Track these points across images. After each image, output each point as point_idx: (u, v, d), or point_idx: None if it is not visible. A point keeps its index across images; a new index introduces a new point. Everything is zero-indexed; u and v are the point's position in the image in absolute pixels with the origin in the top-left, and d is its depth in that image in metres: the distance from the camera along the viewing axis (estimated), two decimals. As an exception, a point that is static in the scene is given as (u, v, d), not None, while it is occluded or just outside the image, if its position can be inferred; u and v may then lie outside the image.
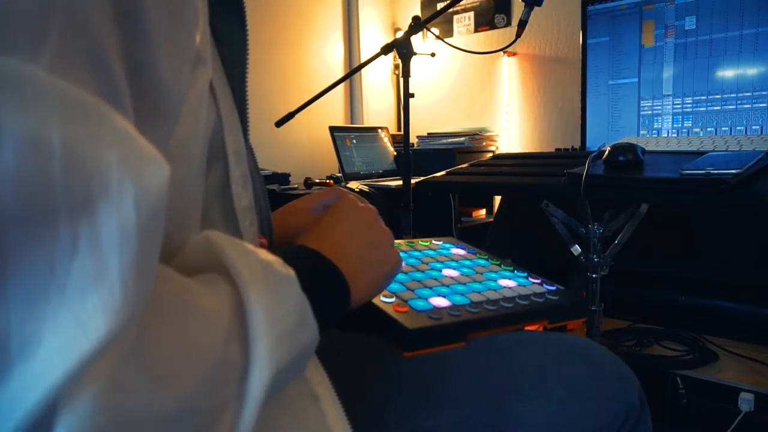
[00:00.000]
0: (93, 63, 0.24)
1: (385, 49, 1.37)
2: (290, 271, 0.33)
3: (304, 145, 2.34)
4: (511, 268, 0.69)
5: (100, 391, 0.21)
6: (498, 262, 0.72)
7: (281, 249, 0.39)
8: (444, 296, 0.57)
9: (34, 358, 0.20)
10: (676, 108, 1.45)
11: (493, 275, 0.66)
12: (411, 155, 1.48)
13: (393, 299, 0.54)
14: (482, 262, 0.71)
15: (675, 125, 1.46)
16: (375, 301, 0.52)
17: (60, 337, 0.21)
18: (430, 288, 0.58)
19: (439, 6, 1.75)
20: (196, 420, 0.26)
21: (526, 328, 0.60)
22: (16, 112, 0.20)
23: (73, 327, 0.21)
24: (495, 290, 0.61)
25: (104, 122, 0.23)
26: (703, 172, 0.87)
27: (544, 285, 0.65)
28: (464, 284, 0.61)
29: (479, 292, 0.59)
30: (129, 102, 0.27)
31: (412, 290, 0.57)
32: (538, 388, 0.53)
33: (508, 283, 0.63)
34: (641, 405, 0.58)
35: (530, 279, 0.66)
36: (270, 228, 0.50)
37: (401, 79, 1.59)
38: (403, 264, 0.65)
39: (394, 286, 0.57)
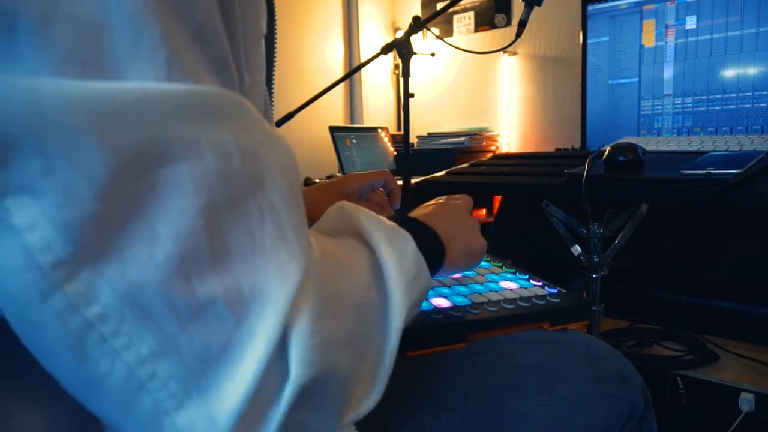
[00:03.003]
0: (222, 66, 0.29)
1: (385, 49, 1.37)
2: (407, 233, 0.41)
3: (304, 145, 2.33)
4: (513, 270, 0.69)
5: (310, 321, 0.29)
6: (500, 264, 0.72)
7: (389, 217, 0.46)
8: (445, 297, 0.57)
9: (262, 298, 0.28)
10: (677, 108, 1.45)
11: (495, 277, 0.66)
12: (411, 155, 1.49)
13: (394, 300, 0.54)
14: (484, 263, 0.71)
15: (675, 125, 1.46)
16: None
17: (273, 281, 0.28)
18: (432, 288, 0.58)
19: (439, 6, 1.75)
20: (360, 345, 0.35)
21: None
22: (202, 127, 0.27)
23: (277, 272, 0.28)
24: (496, 291, 0.60)
25: (246, 115, 0.29)
26: (704, 172, 0.87)
27: (546, 287, 0.65)
28: (466, 285, 0.61)
29: (480, 293, 0.59)
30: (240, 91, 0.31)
31: (443, 276, 0.57)
32: (539, 388, 0.53)
33: (510, 284, 0.63)
34: (645, 402, 0.57)
35: (532, 281, 0.66)
36: None
37: (401, 79, 1.59)
38: None
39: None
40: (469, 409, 0.50)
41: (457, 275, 0.64)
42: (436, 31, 2.46)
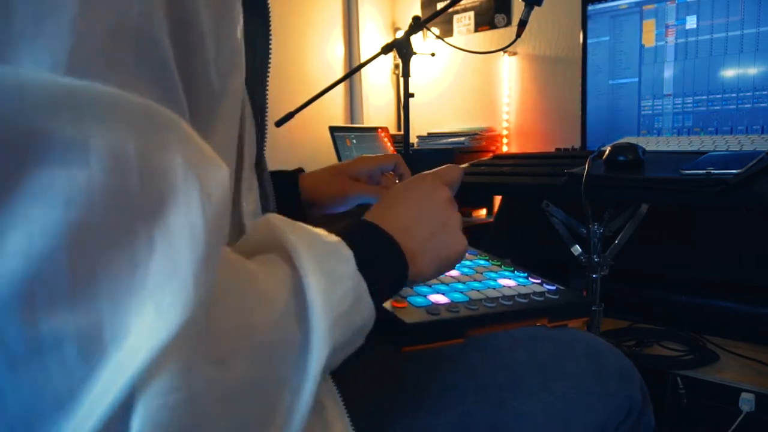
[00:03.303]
0: (157, 75, 0.26)
1: (385, 49, 1.37)
2: (348, 252, 0.35)
3: (304, 145, 2.33)
4: (512, 269, 0.69)
5: (172, 375, 0.23)
6: (498, 263, 0.71)
7: (343, 224, 0.40)
8: (443, 293, 0.56)
9: (124, 346, 0.23)
10: (677, 108, 1.45)
11: (493, 275, 0.66)
12: (411, 155, 1.48)
13: (392, 296, 0.54)
14: (483, 262, 0.71)
15: (675, 125, 1.46)
16: None
17: (144, 328, 0.23)
18: (429, 286, 0.58)
19: (439, 6, 1.75)
20: (257, 397, 0.28)
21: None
22: (98, 131, 0.23)
23: (153, 318, 0.23)
24: (494, 288, 0.60)
25: (169, 130, 0.25)
26: (704, 172, 0.87)
27: (544, 285, 0.65)
28: (464, 283, 0.61)
29: (478, 290, 0.59)
30: (186, 106, 0.28)
31: (411, 287, 0.57)
32: (539, 385, 0.53)
33: (508, 282, 0.63)
34: (643, 399, 0.57)
35: (530, 279, 0.66)
36: None
37: (401, 79, 1.59)
38: None
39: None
40: (467, 406, 0.50)
41: (454, 273, 0.64)
42: (436, 31, 2.46)
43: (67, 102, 0.22)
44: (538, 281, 0.66)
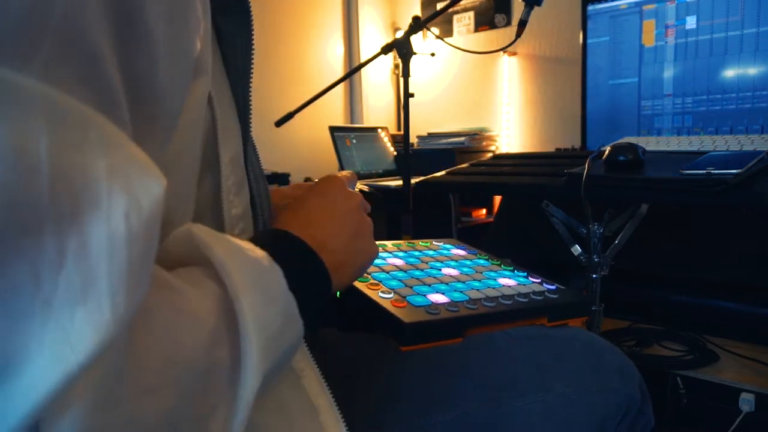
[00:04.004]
0: (87, 72, 0.23)
1: (385, 49, 1.37)
2: (277, 269, 0.33)
3: (304, 145, 2.33)
4: (512, 268, 0.69)
5: (86, 409, 0.21)
6: (498, 263, 0.71)
7: (266, 234, 0.39)
8: (442, 293, 0.56)
9: (20, 374, 0.20)
10: (677, 108, 1.45)
11: (493, 274, 0.66)
12: (411, 155, 1.48)
13: (392, 295, 0.54)
14: (482, 262, 0.71)
15: (675, 125, 1.46)
16: (374, 297, 0.52)
17: (47, 353, 0.20)
18: (429, 285, 0.58)
19: (439, 6, 1.75)
20: (185, 428, 0.26)
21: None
22: (1, 120, 0.20)
23: (60, 342, 0.20)
24: (494, 288, 0.60)
25: (94, 131, 0.23)
26: (704, 172, 0.87)
27: (544, 284, 0.65)
28: (463, 282, 0.61)
29: (478, 290, 0.59)
30: (126, 111, 0.26)
31: (411, 287, 0.57)
32: (537, 384, 0.52)
33: (508, 281, 0.63)
34: (642, 396, 0.57)
35: (530, 278, 0.66)
36: None
37: (401, 79, 1.59)
38: (403, 262, 0.65)
39: (392, 283, 0.57)
40: (465, 405, 0.50)
41: (454, 272, 0.64)
42: (436, 31, 2.46)
43: None
44: (538, 280, 0.66)
